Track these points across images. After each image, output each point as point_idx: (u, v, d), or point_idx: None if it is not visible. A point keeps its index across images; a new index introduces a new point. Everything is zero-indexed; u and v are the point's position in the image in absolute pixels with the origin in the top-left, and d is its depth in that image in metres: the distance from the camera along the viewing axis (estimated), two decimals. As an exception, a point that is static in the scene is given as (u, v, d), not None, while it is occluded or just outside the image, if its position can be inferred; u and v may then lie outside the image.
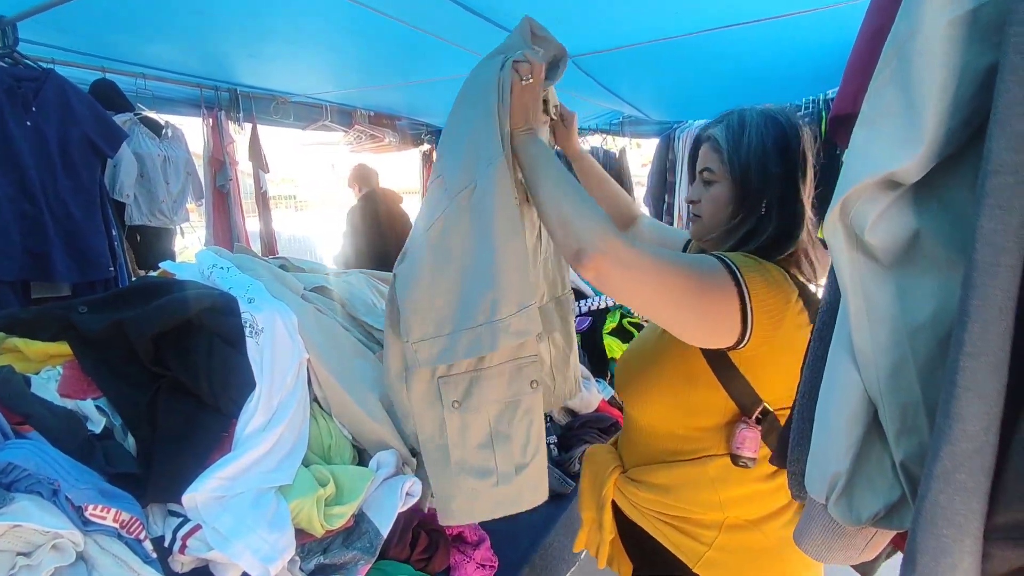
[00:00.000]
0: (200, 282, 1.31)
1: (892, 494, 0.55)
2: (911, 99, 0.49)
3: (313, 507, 1.08)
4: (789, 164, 1.01)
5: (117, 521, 0.90)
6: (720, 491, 1.07)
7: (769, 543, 1.07)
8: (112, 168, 2.79)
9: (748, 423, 1.02)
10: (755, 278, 0.91)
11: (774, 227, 1.01)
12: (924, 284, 0.51)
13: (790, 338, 0.95)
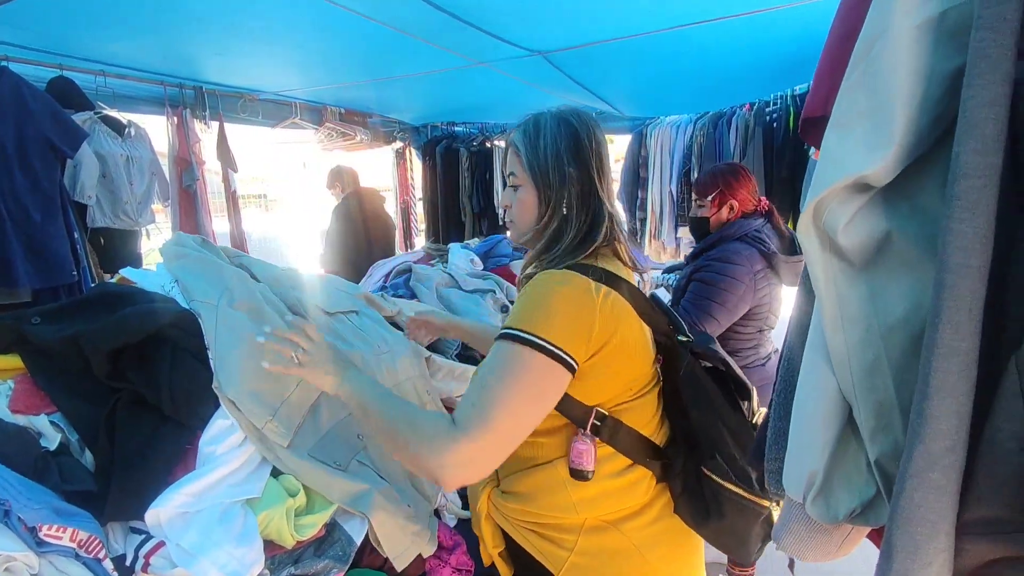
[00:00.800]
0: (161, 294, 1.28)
1: (867, 491, 0.56)
2: (880, 102, 0.50)
3: (283, 518, 1.05)
4: (583, 162, 1.05)
5: (74, 541, 0.86)
6: (572, 493, 1.06)
7: (629, 543, 1.07)
8: (72, 169, 2.69)
9: (581, 436, 1.03)
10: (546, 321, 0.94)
11: (578, 223, 1.06)
12: (896, 285, 0.52)
13: (609, 335, 0.98)
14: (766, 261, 2.05)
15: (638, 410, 1.08)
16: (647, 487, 1.09)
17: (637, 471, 1.08)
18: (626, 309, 1.02)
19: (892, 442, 0.52)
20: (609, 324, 0.98)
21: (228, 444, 1.09)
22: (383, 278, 2.49)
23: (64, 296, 2.38)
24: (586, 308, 0.96)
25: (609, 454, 1.06)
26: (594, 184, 1.06)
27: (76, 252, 2.47)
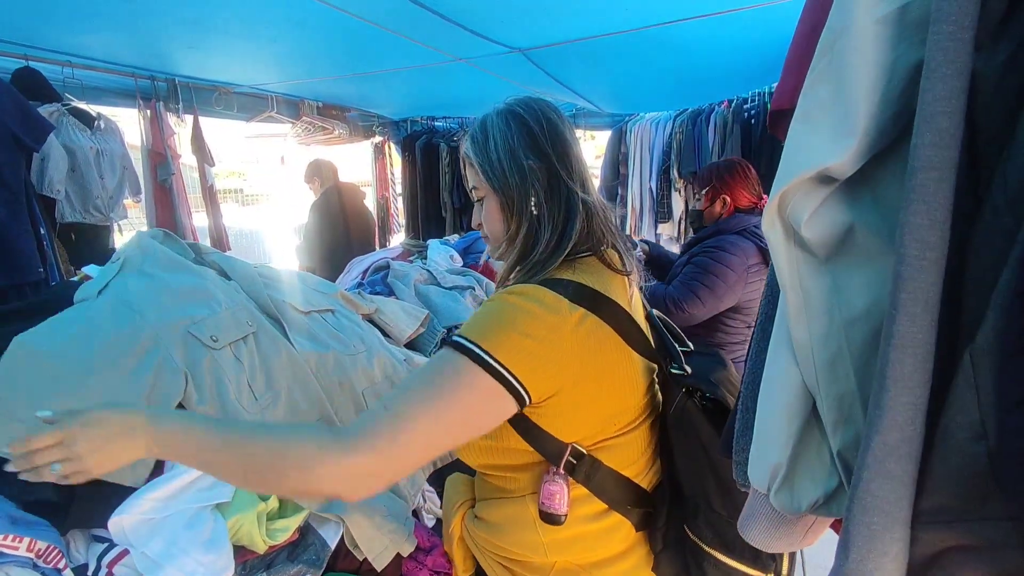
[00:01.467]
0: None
1: (830, 483, 0.56)
2: (844, 94, 0.50)
3: (254, 523, 1.03)
4: (541, 152, 0.93)
5: (32, 551, 0.83)
6: (542, 533, 0.94)
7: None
8: (40, 162, 2.62)
9: (552, 475, 0.92)
10: (499, 339, 0.81)
11: (552, 220, 0.93)
12: (858, 277, 0.52)
13: (583, 365, 0.86)
14: (761, 257, 2.08)
15: (622, 448, 0.96)
16: (625, 535, 0.97)
17: (614, 516, 0.96)
18: (607, 334, 0.89)
19: (853, 434, 0.53)
20: (583, 353, 0.85)
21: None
22: (360, 274, 2.46)
23: (30, 293, 2.32)
24: (555, 332, 0.83)
25: (584, 495, 0.94)
26: (559, 172, 0.93)
27: (42, 249, 2.40)
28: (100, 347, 1.04)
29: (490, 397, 0.80)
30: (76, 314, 1.11)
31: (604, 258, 0.97)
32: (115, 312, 1.12)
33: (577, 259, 0.95)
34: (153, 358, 1.08)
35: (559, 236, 0.93)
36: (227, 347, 1.19)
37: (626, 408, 0.94)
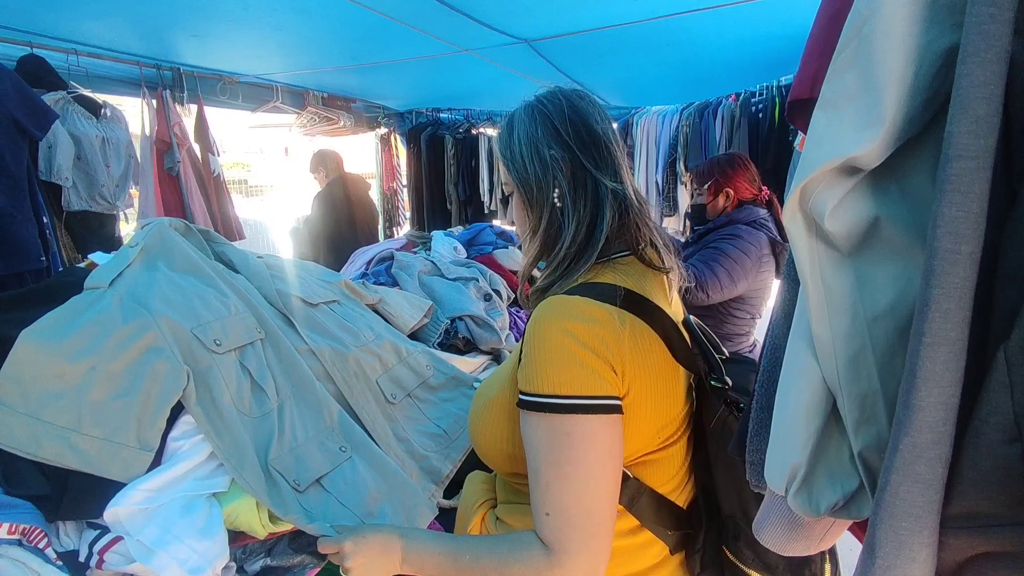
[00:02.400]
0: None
1: (850, 484, 0.54)
2: (871, 81, 0.48)
3: (252, 510, 1.01)
4: (563, 142, 0.90)
5: (14, 533, 0.82)
6: None
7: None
8: (47, 150, 2.61)
9: None
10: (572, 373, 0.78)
11: (576, 211, 0.90)
12: (883, 272, 0.50)
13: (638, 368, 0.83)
14: (771, 248, 2.07)
15: (661, 464, 0.92)
16: (658, 551, 0.93)
17: (646, 535, 0.91)
18: (654, 342, 0.85)
19: (876, 434, 0.51)
20: (636, 359, 0.82)
21: (195, 439, 1.05)
22: (364, 265, 2.45)
23: (31, 282, 2.31)
24: (610, 342, 0.80)
25: (620, 511, 0.88)
26: (583, 163, 0.89)
27: (45, 237, 2.39)
28: (105, 342, 1.03)
29: (603, 429, 0.78)
30: (84, 305, 1.09)
31: (644, 258, 0.92)
32: (124, 306, 1.11)
33: (616, 260, 0.90)
34: (156, 354, 1.06)
35: (587, 229, 0.89)
36: (231, 352, 1.17)
37: (671, 419, 0.90)
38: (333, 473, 1.15)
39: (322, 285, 1.56)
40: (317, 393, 1.25)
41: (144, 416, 1.00)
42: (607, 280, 0.86)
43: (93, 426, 0.95)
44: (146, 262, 1.25)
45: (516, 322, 2.18)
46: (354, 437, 1.23)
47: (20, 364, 0.95)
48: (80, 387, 0.97)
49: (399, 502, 1.18)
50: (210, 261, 1.35)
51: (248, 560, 1.04)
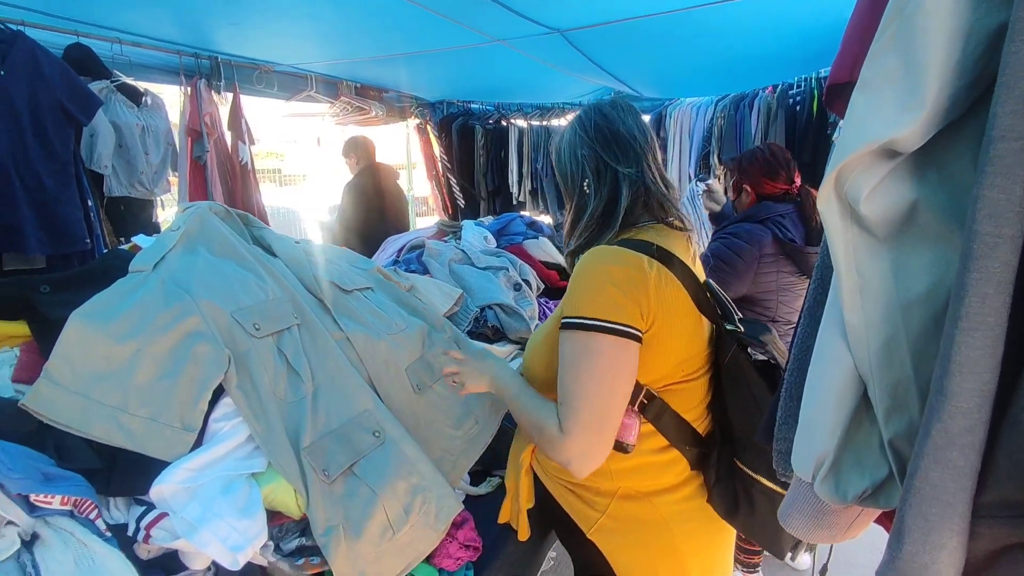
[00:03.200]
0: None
1: (879, 472, 0.54)
2: (913, 62, 0.47)
3: (290, 491, 1.04)
4: (589, 144, 1.15)
5: (66, 504, 0.86)
6: (611, 462, 1.10)
7: (658, 516, 1.13)
8: (89, 138, 2.71)
9: (629, 410, 1.07)
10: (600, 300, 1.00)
11: (598, 196, 1.15)
12: (919, 257, 0.49)
13: (661, 306, 1.02)
14: (779, 248, 2.01)
15: (686, 394, 1.12)
16: (681, 470, 1.14)
17: (673, 453, 1.12)
18: (677, 288, 1.05)
19: (907, 422, 0.50)
20: (660, 299, 1.01)
21: (235, 421, 1.07)
22: (396, 252, 2.48)
23: (77, 263, 2.40)
24: (638, 282, 1.00)
25: (650, 431, 1.11)
26: (604, 160, 1.14)
27: (89, 220, 2.48)
28: (150, 324, 1.06)
29: (620, 350, 0.98)
30: (129, 288, 1.12)
31: (670, 223, 1.15)
32: (166, 290, 1.14)
33: (647, 226, 1.13)
34: (198, 337, 1.09)
35: (606, 205, 1.14)
36: (269, 336, 1.19)
37: (692, 355, 1.10)
38: (365, 460, 1.16)
39: (356, 272, 1.58)
40: (352, 379, 1.26)
41: (187, 398, 1.03)
42: (643, 238, 1.08)
43: (139, 406, 0.99)
44: (187, 246, 1.28)
45: (545, 312, 2.19)
46: (387, 423, 1.25)
47: (70, 345, 0.99)
48: (126, 368, 1.01)
49: (430, 492, 1.20)
50: (248, 246, 1.37)
51: (284, 539, 1.07)
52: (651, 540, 1.15)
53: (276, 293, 1.28)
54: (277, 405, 1.13)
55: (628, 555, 1.16)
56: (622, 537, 1.15)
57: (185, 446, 1.00)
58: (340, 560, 1.03)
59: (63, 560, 0.81)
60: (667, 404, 1.10)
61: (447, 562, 1.24)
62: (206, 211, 1.36)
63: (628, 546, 1.16)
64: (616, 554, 1.17)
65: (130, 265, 1.19)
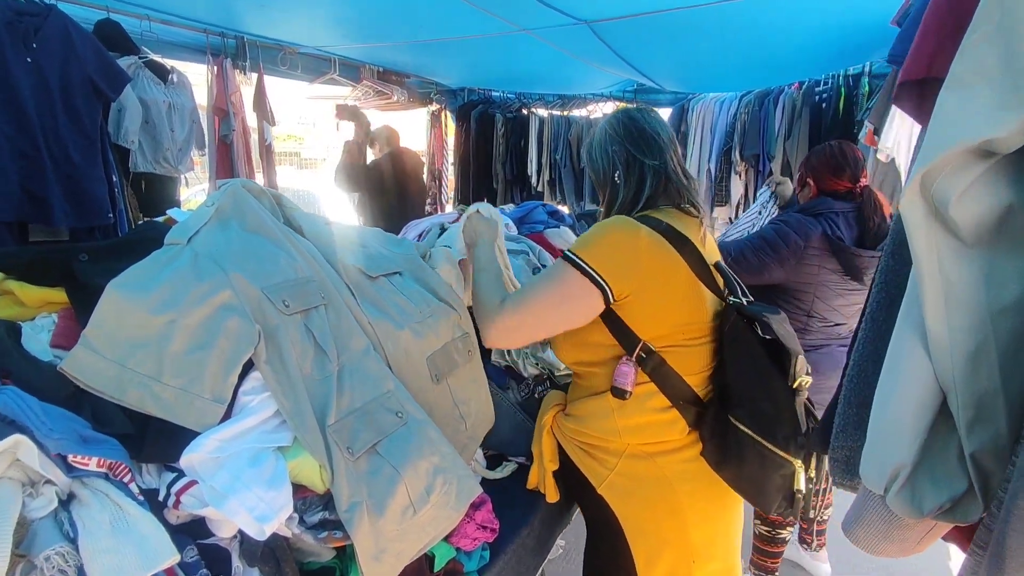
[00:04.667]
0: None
1: (958, 486, 0.52)
2: (1015, 58, 0.45)
3: (315, 465, 1.05)
4: (618, 141, 1.34)
5: (103, 466, 0.87)
6: (618, 420, 1.27)
7: (662, 474, 1.27)
8: (116, 113, 2.71)
9: (626, 359, 1.24)
10: (592, 249, 1.21)
11: (627, 186, 1.33)
12: (1013, 264, 0.47)
13: (651, 269, 1.20)
14: (827, 244, 1.99)
15: (686, 356, 1.26)
16: (681, 430, 1.27)
17: (673, 413, 1.26)
18: (675, 259, 1.22)
19: (993, 435, 0.48)
20: (652, 265, 1.20)
21: (263, 395, 1.08)
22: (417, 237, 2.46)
23: (100, 237, 2.41)
24: (631, 246, 1.20)
25: (652, 391, 1.25)
26: (633, 154, 1.33)
27: (113, 195, 2.49)
28: (185, 297, 1.06)
29: (579, 286, 1.19)
30: (165, 260, 1.13)
31: (683, 208, 1.32)
32: (200, 264, 1.14)
33: (663, 209, 1.30)
34: (230, 311, 1.10)
35: (635, 192, 1.32)
36: (298, 314, 1.19)
37: (692, 321, 1.25)
38: (388, 440, 1.17)
39: (386, 254, 1.57)
40: (375, 361, 1.27)
41: (218, 370, 1.03)
42: (656, 216, 1.26)
43: (173, 376, 0.99)
44: (220, 221, 1.28)
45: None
46: (410, 405, 1.25)
47: (107, 313, 0.99)
48: (161, 338, 1.01)
49: (451, 474, 1.20)
50: (280, 224, 1.37)
51: (307, 512, 1.08)
52: (655, 496, 1.28)
53: (305, 272, 1.29)
54: (304, 381, 1.13)
55: (634, 510, 1.30)
56: (629, 494, 1.29)
57: (215, 417, 1.01)
58: (363, 536, 1.04)
59: (99, 520, 0.82)
60: (665, 361, 1.24)
61: (465, 542, 1.26)
62: (239, 188, 1.36)
63: (634, 502, 1.30)
64: (623, 509, 1.31)
65: (165, 238, 1.19)
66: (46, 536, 0.80)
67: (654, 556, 1.30)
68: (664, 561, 1.30)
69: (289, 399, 1.08)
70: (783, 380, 1.17)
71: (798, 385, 1.16)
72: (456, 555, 1.25)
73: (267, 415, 1.06)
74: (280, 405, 1.07)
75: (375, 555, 1.05)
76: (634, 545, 1.31)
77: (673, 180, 1.31)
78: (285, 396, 1.08)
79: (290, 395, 1.09)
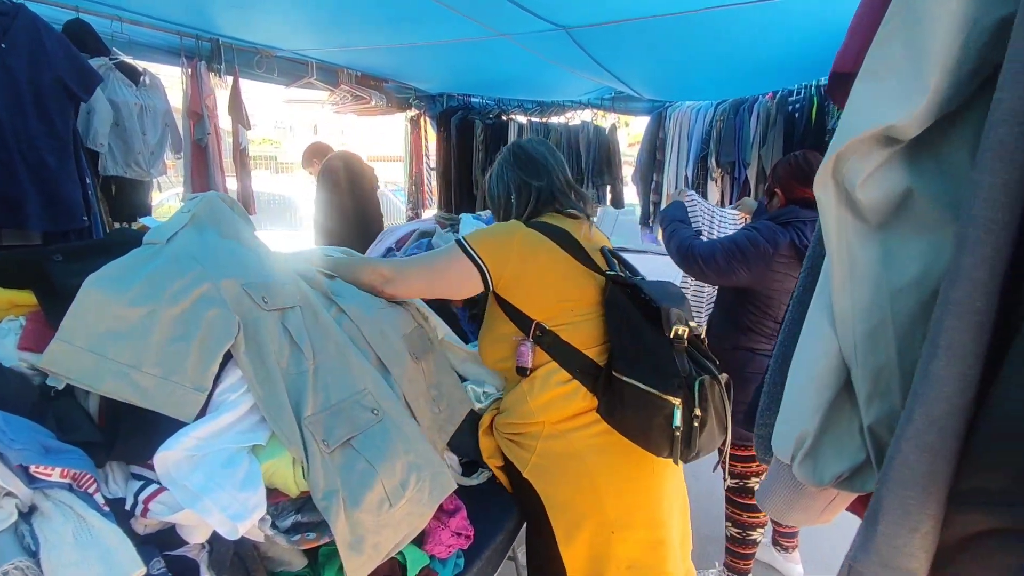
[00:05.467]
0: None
1: (857, 457, 0.54)
2: (917, 51, 0.47)
3: (289, 467, 1.06)
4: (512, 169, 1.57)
5: (65, 477, 0.85)
6: (530, 400, 1.43)
7: (574, 449, 1.41)
8: (85, 115, 2.67)
9: (523, 340, 1.43)
10: (478, 238, 1.44)
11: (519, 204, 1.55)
12: (911, 245, 0.50)
13: (525, 256, 1.41)
14: (795, 252, 2.04)
15: (580, 331, 1.43)
16: (583, 396, 1.41)
17: (574, 383, 1.41)
18: (549, 247, 1.43)
19: (888, 408, 0.51)
20: (525, 252, 1.41)
21: (240, 392, 1.09)
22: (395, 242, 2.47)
23: (75, 240, 2.38)
24: (507, 238, 1.43)
25: (554, 368, 1.42)
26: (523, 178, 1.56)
27: (87, 198, 2.46)
28: (165, 291, 1.07)
29: (459, 262, 1.43)
30: (144, 258, 1.14)
31: (567, 213, 1.54)
32: (180, 261, 1.16)
33: (548, 213, 1.54)
34: (210, 303, 1.11)
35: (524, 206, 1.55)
36: (275, 311, 1.22)
37: (576, 298, 1.44)
38: (363, 435, 1.18)
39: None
40: (352, 358, 1.29)
41: (198, 360, 1.04)
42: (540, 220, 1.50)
43: (152, 365, 1.00)
44: (197, 227, 1.30)
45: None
46: (387, 402, 1.27)
47: (86, 307, 0.99)
48: (141, 329, 1.02)
49: (425, 470, 1.22)
50: (253, 234, 1.41)
51: (280, 516, 1.08)
52: (570, 472, 1.40)
53: (279, 276, 1.31)
54: (282, 374, 1.15)
55: (553, 487, 1.42)
56: (547, 472, 1.42)
57: (195, 406, 1.02)
58: (340, 524, 1.05)
59: (61, 532, 0.81)
60: (559, 336, 1.41)
61: (439, 549, 1.26)
62: (216, 198, 1.40)
63: (553, 479, 1.42)
64: (544, 488, 1.43)
65: (144, 238, 1.21)
66: (5, 550, 0.78)
67: (573, 529, 1.40)
68: (583, 533, 1.40)
69: (265, 388, 1.10)
70: (659, 332, 1.30)
71: (675, 334, 1.29)
72: (430, 563, 1.25)
73: (244, 411, 1.07)
74: (256, 396, 1.08)
75: (352, 543, 1.06)
76: (555, 521, 1.42)
77: (558, 194, 1.55)
78: (262, 386, 1.10)
79: (267, 385, 1.10)
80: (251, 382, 1.08)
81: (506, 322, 1.45)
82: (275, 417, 1.07)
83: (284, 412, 1.09)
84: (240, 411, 1.06)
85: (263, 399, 1.07)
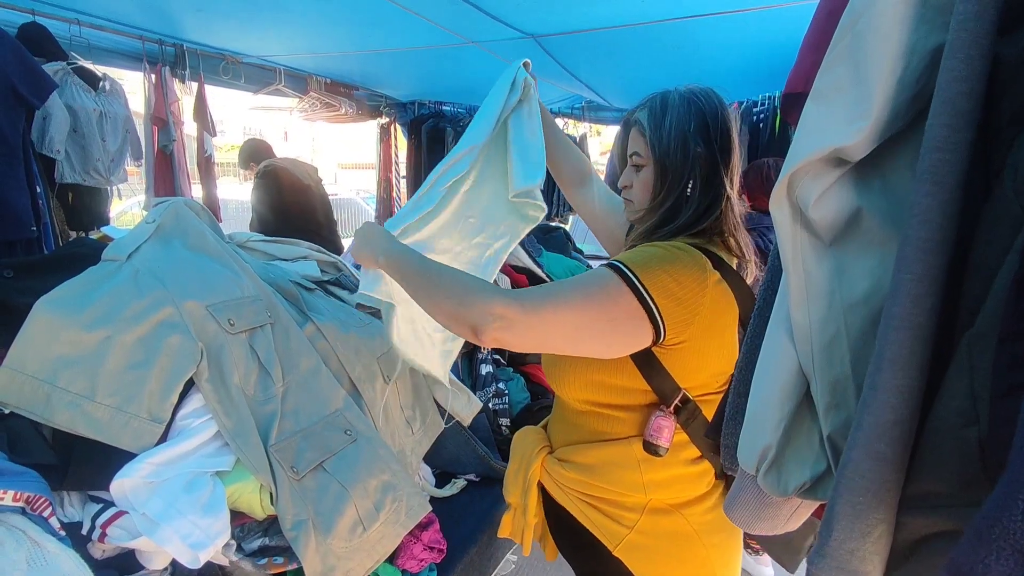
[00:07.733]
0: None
1: (818, 467, 0.56)
2: (861, 76, 0.49)
3: (255, 491, 1.03)
4: (709, 144, 1.01)
5: (19, 500, 0.82)
6: (645, 473, 1.06)
7: (691, 528, 1.07)
8: (41, 121, 2.59)
9: (664, 412, 1.03)
10: (654, 275, 0.92)
11: (696, 204, 1.03)
12: (862, 262, 0.52)
13: (711, 321, 0.97)
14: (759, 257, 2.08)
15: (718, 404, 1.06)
16: (709, 480, 1.10)
17: (704, 464, 1.09)
18: (730, 301, 1.01)
19: (845, 418, 0.53)
20: (713, 309, 0.97)
21: (204, 418, 1.05)
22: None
23: (21, 252, 2.30)
24: (697, 285, 0.94)
25: (684, 442, 1.06)
26: (718, 166, 1.02)
27: (37, 207, 2.38)
28: (122, 313, 1.03)
29: (630, 316, 0.91)
30: (102, 276, 1.09)
31: (727, 242, 1.06)
32: (140, 280, 1.11)
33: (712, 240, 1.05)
34: (172, 328, 1.06)
35: (696, 219, 1.03)
36: (242, 333, 1.17)
37: (729, 369, 1.05)
38: (336, 457, 1.15)
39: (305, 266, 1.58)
40: (324, 378, 1.26)
41: (156, 389, 1.00)
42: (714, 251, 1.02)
43: (107, 395, 0.96)
44: (162, 238, 1.25)
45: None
46: (359, 423, 1.25)
47: (36, 331, 0.96)
48: (95, 356, 0.98)
49: (400, 491, 1.20)
50: (223, 242, 1.35)
51: (246, 539, 1.06)
52: (683, 554, 1.09)
53: (250, 290, 1.27)
54: (248, 401, 1.11)
55: (659, 571, 1.09)
56: (653, 552, 1.08)
57: (152, 438, 0.98)
58: (310, 554, 1.01)
59: (14, 559, 0.78)
60: (699, 410, 1.05)
61: (411, 563, 1.24)
62: (182, 206, 1.34)
63: (659, 561, 1.08)
64: (646, 570, 1.08)
65: (103, 253, 1.15)
66: (-47, 581, 0.75)
67: None
68: None
69: (231, 418, 1.06)
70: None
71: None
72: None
73: (207, 437, 1.04)
74: (221, 425, 1.04)
75: (322, 574, 1.02)
76: None
77: (734, 211, 1.06)
78: (227, 415, 1.05)
79: (232, 414, 1.06)
80: (215, 411, 1.05)
81: (634, 375, 1.02)
82: (241, 446, 1.04)
83: (250, 440, 1.05)
84: (203, 437, 1.03)
85: (227, 429, 1.04)
